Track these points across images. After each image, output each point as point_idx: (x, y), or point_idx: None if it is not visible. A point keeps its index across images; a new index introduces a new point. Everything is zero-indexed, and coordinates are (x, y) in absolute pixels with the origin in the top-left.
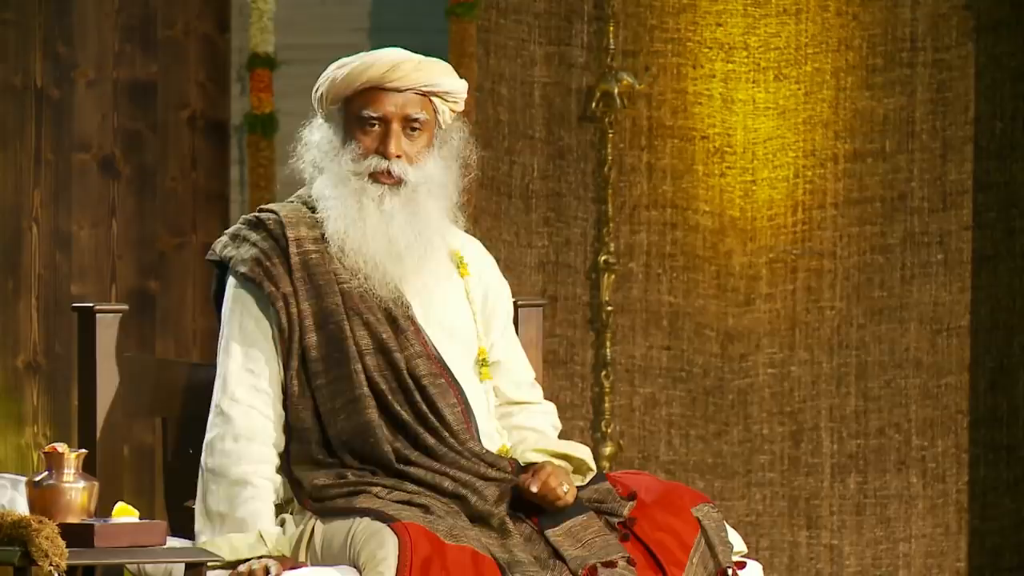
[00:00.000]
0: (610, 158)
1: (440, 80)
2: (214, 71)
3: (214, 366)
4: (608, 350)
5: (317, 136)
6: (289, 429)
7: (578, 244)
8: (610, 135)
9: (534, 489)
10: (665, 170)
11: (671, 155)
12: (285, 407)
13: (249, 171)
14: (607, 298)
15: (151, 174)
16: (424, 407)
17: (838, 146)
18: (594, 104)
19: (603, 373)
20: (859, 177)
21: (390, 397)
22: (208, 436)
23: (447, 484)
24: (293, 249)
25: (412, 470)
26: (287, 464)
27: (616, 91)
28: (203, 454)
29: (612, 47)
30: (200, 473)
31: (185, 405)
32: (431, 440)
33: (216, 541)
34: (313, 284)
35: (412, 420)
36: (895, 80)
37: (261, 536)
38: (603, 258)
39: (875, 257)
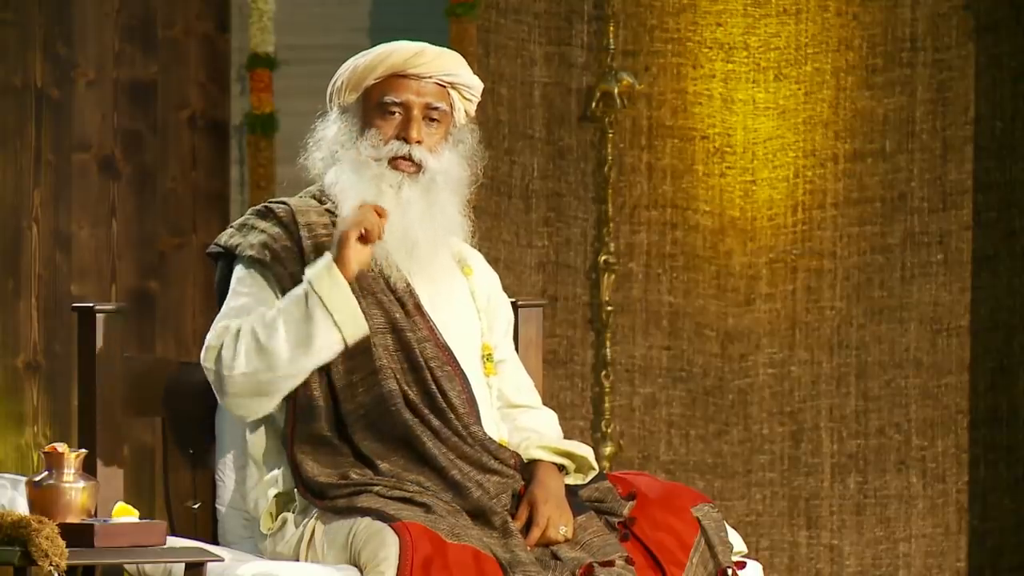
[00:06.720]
0: (610, 158)
1: (460, 71)
2: (214, 71)
3: None
4: (608, 350)
5: (333, 130)
6: (294, 409)
7: (578, 244)
8: (610, 135)
9: (530, 543)
10: (665, 170)
11: (671, 155)
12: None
13: (249, 171)
14: (607, 298)
15: (151, 174)
16: (433, 387)
17: (838, 146)
18: (594, 104)
19: (603, 373)
20: (859, 177)
21: (399, 377)
22: (222, 348)
23: (454, 472)
24: (304, 234)
25: (426, 440)
26: (289, 447)
27: (616, 91)
28: (214, 360)
29: (612, 47)
30: (228, 367)
31: (185, 405)
32: (436, 422)
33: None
34: None
35: (419, 400)
36: (895, 80)
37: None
38: (603, 258)
39: (875, 257)
